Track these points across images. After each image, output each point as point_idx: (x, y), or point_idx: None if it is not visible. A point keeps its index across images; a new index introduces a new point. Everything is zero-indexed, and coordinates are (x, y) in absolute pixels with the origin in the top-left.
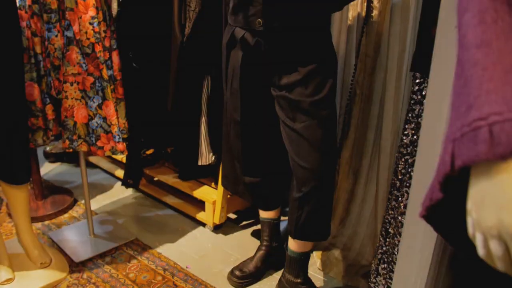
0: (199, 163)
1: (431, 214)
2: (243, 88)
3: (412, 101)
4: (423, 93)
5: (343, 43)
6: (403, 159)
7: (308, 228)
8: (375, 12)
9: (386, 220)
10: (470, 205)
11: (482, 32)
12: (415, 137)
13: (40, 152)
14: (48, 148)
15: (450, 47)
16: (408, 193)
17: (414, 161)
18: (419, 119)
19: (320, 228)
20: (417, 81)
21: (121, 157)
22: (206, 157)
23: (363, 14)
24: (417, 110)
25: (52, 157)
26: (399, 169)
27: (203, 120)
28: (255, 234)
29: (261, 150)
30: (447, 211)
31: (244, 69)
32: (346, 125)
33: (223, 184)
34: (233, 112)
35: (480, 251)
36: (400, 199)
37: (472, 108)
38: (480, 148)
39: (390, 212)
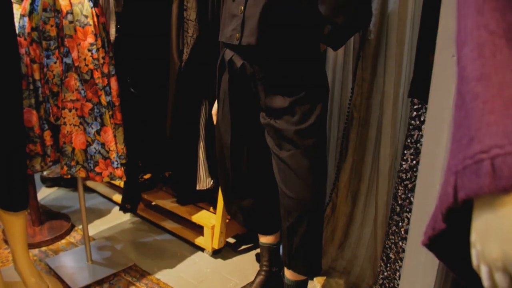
0: (197, 188)
1: (433, 242)
2: (233, 111)
3: (410, 127)
4: (422, 118)
5: (339, 67)
6: (402, 184)
7: (299, 260)
8: (371, 36)
9: (387, 245)
10: (474, 237)
11: (481, 65)
12: (414, 162)
13: (37, 176)
14: (45, 173)
15: (448, 75)
16: (408, 218)
17: (413, 186)
18: (418, 144)
19: (311, 263)
20: (415, 107)
21: (119, 182)
22: (204, 182)
23: (359, 38)
24: (415, 135)
25: (49, 182)
26: (399, 194)
27: (201, 145)
28: (255, 258)
29: (253, 174)
30: (450, 239)
31: (233, 92)
32: (344, 148)
33: (226, 208)
34: (224, 135)
35: (485, 283)
36: (400, 224)
37: (473, 140)
38: (483, 181)
39: (390, 237)
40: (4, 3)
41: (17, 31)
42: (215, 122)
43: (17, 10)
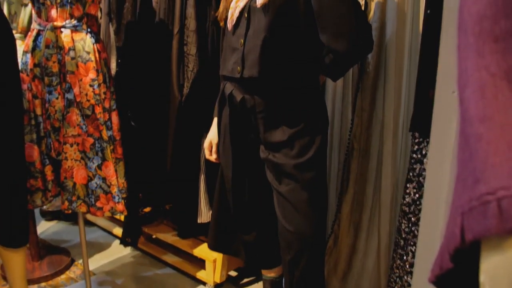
0: (199, 221)
1: (440, 280)
2: (234, 145)
3: (412, 160)
4: (423, 152)
5: (339, 98)
6: (406, 218)
7: None
8: (369, 68)
9: (392, 279)
10: (483, 278)
11: (483, 107)
12: (417, 196)
13: (36, 210)
14: (44, 206)
15: (449, 111)
16: (413, 252)
17: (417, 219)
18: (420, 178)
19: None
20: (417, 140)
21: (119, 215)
22: (205, 215)
23: (358, 69)
24: (417, 169)
25: (49, 215)
26: (403, 227)
27: (202, 177)
28: None
29: (255, 208)
30: (458, 278)
31: (233, 126)
32: (345, 179)
33: (210, 246)
34: (225, 169)
35: None
36: (405, 257)
37: (479, 182)
38: (490, 223)
39: (395, 270)
40: (8, 39)
41: (19, 67)
42: (207, 156)
43: (19, 46)
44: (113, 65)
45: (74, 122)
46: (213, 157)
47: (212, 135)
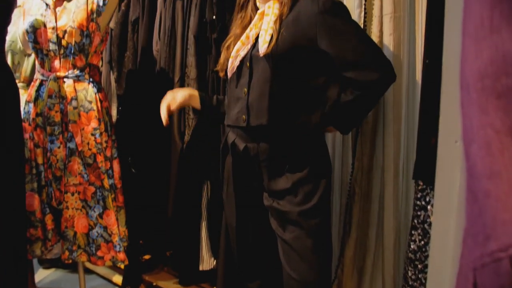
0: (200, 269)
1: None
2: (237, 193)
3: (416, 207)
4: (427, 199)
5: (338, 143)
6: (412, 265)
7: None
8: (369, 113)
9: None
10: None
11: (490, 163)
12: (422, 242)
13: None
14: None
15: (453, 161)
16: None
17: (424, 266)
18: (425, 224)
19: None
20: (420, 187)
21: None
22: (207, 262)
23: None
24: (422, 216)
25: (47, 263)
26: (409, 275)
27: (203, 224)
28: None
29: (259, 255)
30: None
31: (236, 174)
32: (347, 224)
33: None
34: (229, 217)
35: None
36: None
37: (490, 238)
38: (504, 280)
39: None
40: (11, 90)
41: (22, 117)
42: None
43: (22, 96)
44: (114, 113)
45: (75, 171)
46: (164, 113)
47: (179, 93)
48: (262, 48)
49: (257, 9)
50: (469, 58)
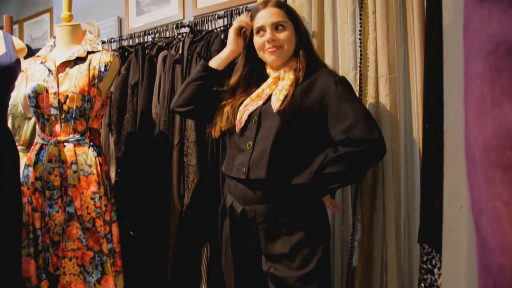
0: None
1: None
2: (235, 257)
3: (423, 271)
4: (433, 262)
5: (338, 202)
6: None
7: None
8: (367, 172)
9: None
10: None
11: (502, 236)
12: None
13: None
14: None
15: (459, 226)
16: None
17: None
18: None
19: None
20: (425, 251)
21: None
22: None
23: None
24: (429, 279)
25: None
26: None
27: (203, 287)
28: None
29: None
30: None
31: (234, 238)
32: (350, 285)
33: None
34: (228, 280)
35: None
36: None
37: None
38: None
39: None
40: (11, 154)
41: (21, 180)
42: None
43: (21, 158)
44: (113, 175)
45: (74, 236)
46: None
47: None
48: (276, 104)
49: (262, 79)
50: (474, 131)
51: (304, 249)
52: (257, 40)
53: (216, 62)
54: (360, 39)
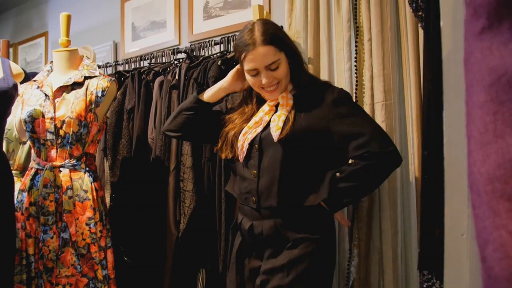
0: None
1: None
2: (239, 275)
3: None
4: None
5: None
6: None
7: None
8: (363, 199)
9: None
10: None
11: (508, 265)
12: None
13: None
14: None
15: (461, 256)
16: None
17: None
18: None
19: None
20: (425, 277)
21: None
22: None
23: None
24: None
25: None
26: None
27: None
28: None
29: None
30: None
31: (240, 257)
32: None
33: None
34: None
35: None
36: None
37: None
38: None
39: None
40: (6, 178)
41: (15, 206)
42: None
43: (15, 183)
44: (107, 200)
45: (68, 262)
46: None
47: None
48: (276, 133)
49: (260, 103)
50: (477, 162)
51: (299, 265)
52: (251, 79)
53: (209, 94)
54: (355, 65)
